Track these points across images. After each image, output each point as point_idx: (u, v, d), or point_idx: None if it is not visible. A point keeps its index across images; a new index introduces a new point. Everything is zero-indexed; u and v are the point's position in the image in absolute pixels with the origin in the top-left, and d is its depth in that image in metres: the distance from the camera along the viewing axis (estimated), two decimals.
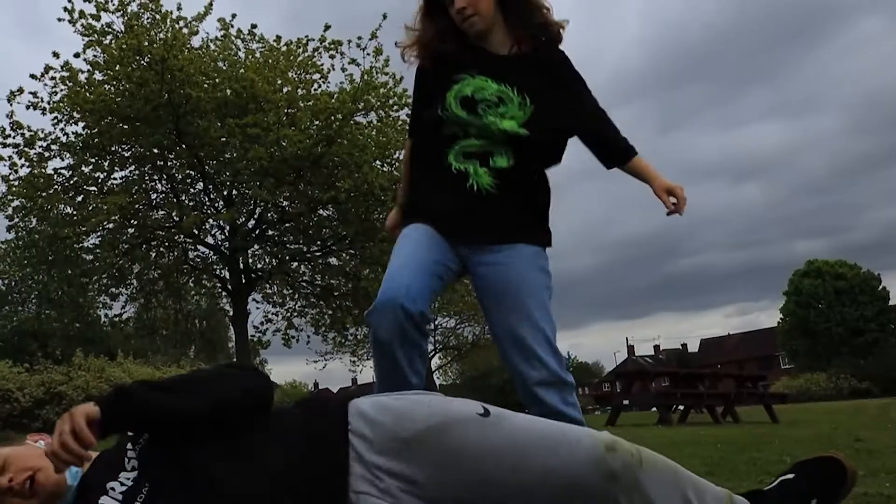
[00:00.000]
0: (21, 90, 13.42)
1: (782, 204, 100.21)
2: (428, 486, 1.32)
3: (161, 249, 16.66)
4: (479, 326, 36.45)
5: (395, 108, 15.01)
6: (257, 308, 17.66)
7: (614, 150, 2.44)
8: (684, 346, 72.55)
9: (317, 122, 14.68)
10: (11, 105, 13.41)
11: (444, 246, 2.25)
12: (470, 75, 2.33)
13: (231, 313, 17.24)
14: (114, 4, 13.50)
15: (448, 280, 2.31)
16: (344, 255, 16.85)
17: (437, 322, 33.69)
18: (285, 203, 16.06)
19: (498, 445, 1.33)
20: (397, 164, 14.83)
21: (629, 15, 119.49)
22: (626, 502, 1.29)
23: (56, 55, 13.50)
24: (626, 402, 12.38)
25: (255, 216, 16.61)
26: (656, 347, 72.97)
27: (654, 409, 12.49)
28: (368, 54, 14.42)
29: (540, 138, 2.30)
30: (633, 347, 71.73)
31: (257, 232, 16.61)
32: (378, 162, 15.10)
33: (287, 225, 16.64)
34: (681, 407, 12.41)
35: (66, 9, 13.37)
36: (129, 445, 1.47)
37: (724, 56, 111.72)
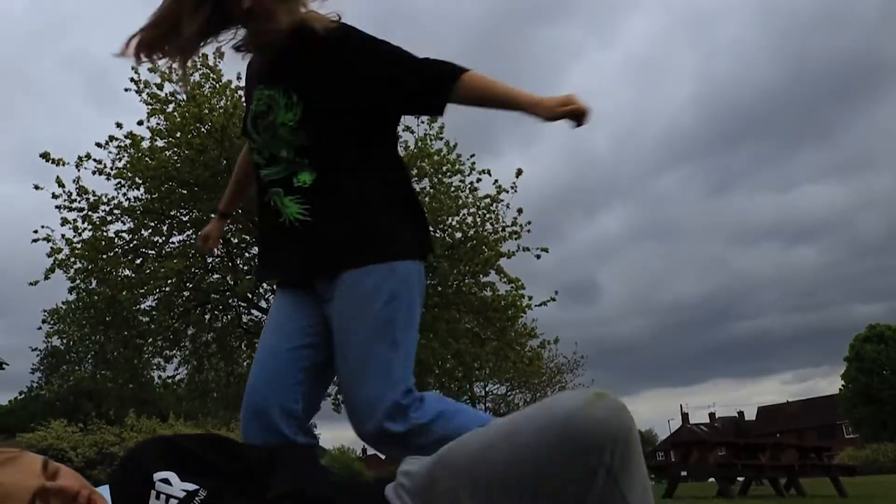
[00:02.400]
0: (88, 156, 13.88)
1: (839, 266, 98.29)
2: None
3: (216, 313, 16.87)
4: (531, 393, 36.01)
5: (449, 174, 15.10)
6: None
7: (429, 90, 1.95)
8: (741, 413, 70.71)
9: None
10: (79, 171, 13.86)
11: (300, 303, 2.00)
12: (258, 88, 2.06)
13: None
14: (177, 75, 13.95)
15: (321, 343, 2.00)
16: None
17: (487, 389, 33.38)
18: None
19: (495, 426, 1.27)
20: (450, 230, 14.91)
21: (682, 75, 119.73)
22: (619, 461, 1.14)
23: (119, 125, 13.96)
24: (683, 472, 12.01)
25: None
26: (712, 415, 71.21)
27: (713, 480, 12.06)
28: (423, 122, 14.64)
29: (322, 134, 1.94)
30: (688, 415, 70.05)
31: None
32: (430, 228, 15.10)
33: None
34: (740, 479, 12.00)
35: (132, 79, 13.90)
36: None
37: (776, 117, 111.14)
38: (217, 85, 14.24)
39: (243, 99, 2.26)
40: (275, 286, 2.18)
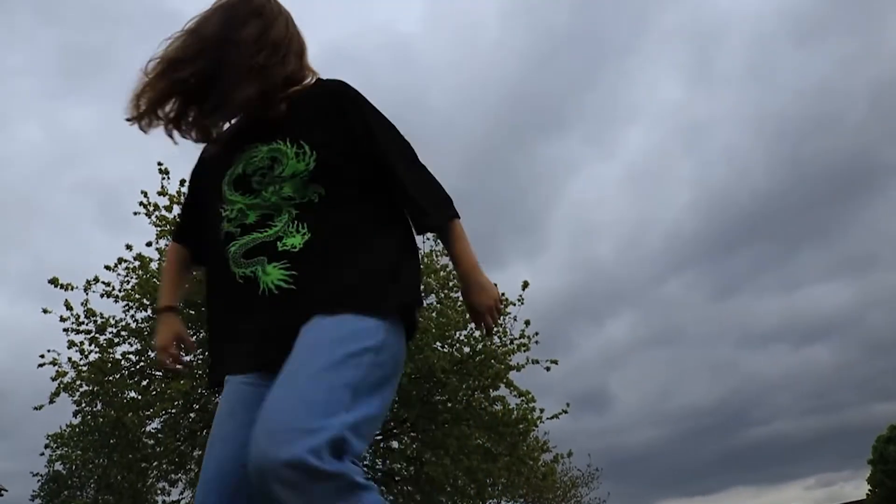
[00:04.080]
0: (97, 279, 13.95)
1: (852, 365, 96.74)
2: None
3: None
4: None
5: (455, 289, 15.10)
6: None
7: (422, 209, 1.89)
8: None
9: None
10: (87, 294, 13.90)
11: (257, 397, 1.63)
12: (241, 151, 1.88)
13: None
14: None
15: None
16: (405, 438, 16.51)
17: None
18: None
19: None
20: (458, 344, 14.78)
21: (680, 182, 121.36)
22: None
23: (129, 247, 14.11)
24: None
25: None
26: None
27: None
28: (428, 238, 14.74)
29: (333, 186, 1.81)
30: None
31: None
32: (438, 343, 15.01)
33: None
34: None
35: (141, 203, 14.11)
36: None
37: (775, 219, 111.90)
38: None
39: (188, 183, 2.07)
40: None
